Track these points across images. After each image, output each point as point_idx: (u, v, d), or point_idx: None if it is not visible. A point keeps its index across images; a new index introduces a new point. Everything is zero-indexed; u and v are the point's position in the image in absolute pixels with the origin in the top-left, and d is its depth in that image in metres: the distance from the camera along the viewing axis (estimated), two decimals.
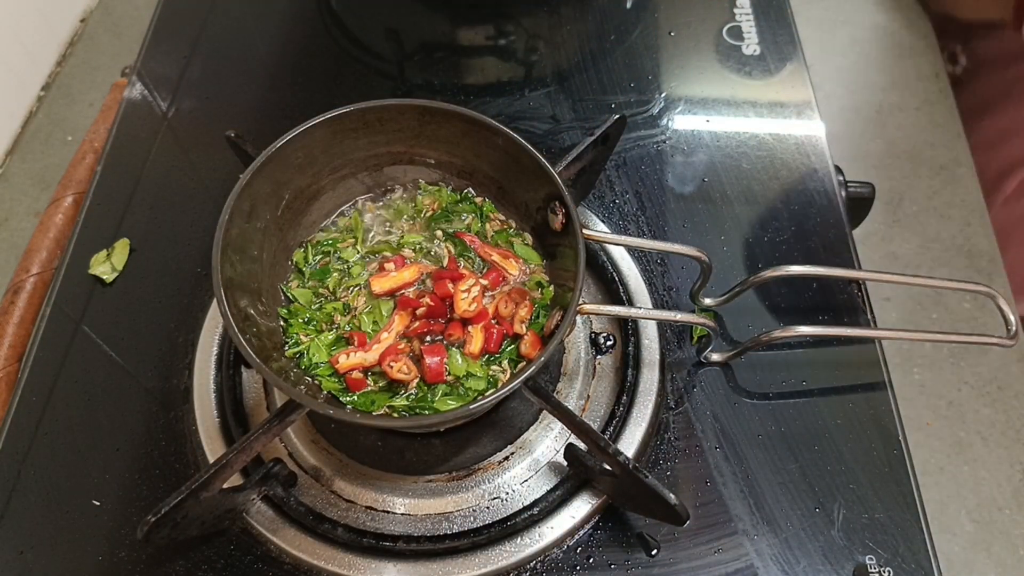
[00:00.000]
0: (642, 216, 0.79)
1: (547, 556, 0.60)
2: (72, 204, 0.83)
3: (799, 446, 0.65)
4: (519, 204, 0.67)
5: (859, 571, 0.60)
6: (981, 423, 0.78)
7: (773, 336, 0.64)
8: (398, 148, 0.67)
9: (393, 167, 0.69)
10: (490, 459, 0.65)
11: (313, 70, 0.93)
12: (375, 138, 0.66)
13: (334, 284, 0.64)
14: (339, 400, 0.58)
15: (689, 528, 0.61)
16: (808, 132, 0.85)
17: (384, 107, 0.63)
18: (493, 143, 0.64)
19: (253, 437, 0.53)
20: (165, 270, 0.76)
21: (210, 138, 0.86)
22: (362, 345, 0.59)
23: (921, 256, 0.91)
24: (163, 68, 0.92)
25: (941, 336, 0.67)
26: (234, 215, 0.57)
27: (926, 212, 0.94)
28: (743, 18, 0.96)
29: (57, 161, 0.93)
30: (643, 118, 0.87)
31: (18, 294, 0.76)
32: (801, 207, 0.79)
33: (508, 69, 0.93)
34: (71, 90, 1.01)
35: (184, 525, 0.53)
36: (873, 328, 0.72)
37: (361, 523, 0.62)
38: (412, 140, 0.67)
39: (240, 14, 0.99)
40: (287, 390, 0.51)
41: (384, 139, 0.66)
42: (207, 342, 0.70)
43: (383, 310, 0.62)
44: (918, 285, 0.69)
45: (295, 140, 0.61)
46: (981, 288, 0.68)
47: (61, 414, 0.67)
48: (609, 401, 0.68)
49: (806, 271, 0.66)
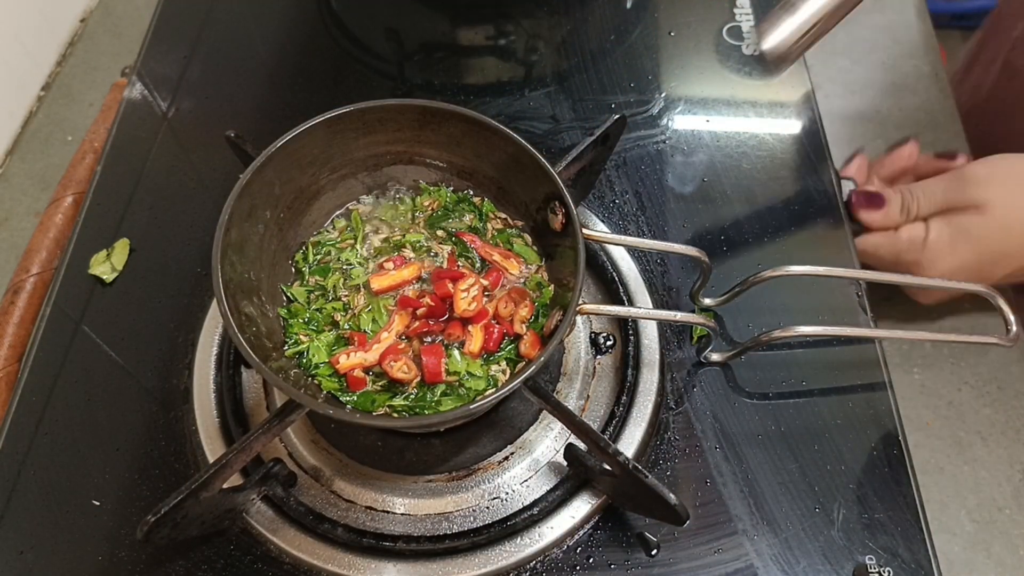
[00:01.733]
0: (642, 216, 0.79)
1: (547, 556, 0.60)
2: (72, 204, 0.83)
3: (799, 446, 0.65)
4: (519, 204, 0.67)
5: (859, 571, 0.60)
6: (981, 423, 0.78)
7: (773, 336, 0.64)
8: (398, 148, 0.67)
9: (393, 167, 0.69)
10: (490, 459, 0.65)
11: (313, 70, 0.93)
12: (375, 138, 0.66)
13: (333, 283, 0.64)
14: (339, 400, 0.58)
15: (689, 528, 0.61)
16: (808, 132, 0.85)
17: (384, 107, 0.63)
18: (493, 143, 0.64)
19: (253, 437, 0.53)
20: (165, 270, 0.76)
21: (210, 138, 0.86)
22: (362, 345, 0.59)
23: None
24: (163, 68, 0.92)
25: (941, 336, 0.67)
26: (234, 215, 0.57)
27: None
28: (743, 18, 0.96)
29: (57, 161, 0.93)
30: (643, 118, 0.87)
31: (18, 294, 0.76)
32: (801, 207, 0.79)
33: (508, 69, 0.94)
34: (71, 90, 1.01)
35: (184, 525, 0.53)
36: (872, 328, 0.72)
37: (361, 523, 0.62)
38: (412, 140, 0.67)
39: (240, 14, 0.99)
40: (287, 390, 0.51)
41: (384, 139, 0.66)
42: (207, 342, 0.70)
43: (383, 309, 0.62)
44: (916, 285, 0.69)
45: (295, 140, 0.61)
46: (981, 288, 0.68)
47: (61, 414, 0.67)
48: (609, 401, 0.68)
49: (805, 271, 0.66)
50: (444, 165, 0.69)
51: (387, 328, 0.60)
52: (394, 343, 0.60)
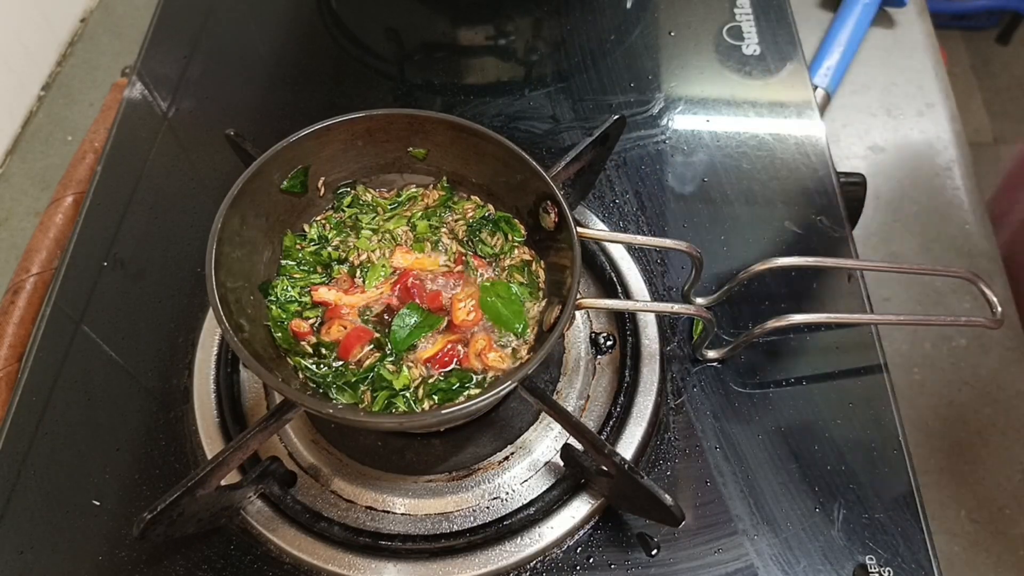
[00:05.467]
0: (642, 216, 0.79)
1: (547, 556, 0.60)
2: (72, 204, 0.83)
3: (799, 446, 0.65)
4: (510, 208, 0.67)
5: (859, 571, 0.60)
6: (981, 423, 0.78)
7: (768, 327, 0.64)
8: (390, 156, 0.67)
9: (386, 175, 0.69)
10: (490, 459, 0.65)
11: (313, 70, 0.93)
12: (366, 148, 0.66)
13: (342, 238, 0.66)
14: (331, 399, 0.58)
15: (689, 528, 0.61)
16: (808, 132, 0.85)
17: (371, 117, 0.63)
18: (482, 148, 0.64)
19: (250, 435, 0.53)
20: (165, 270, 0.76)
21: (210, 138, 0.86)
22: (351, 290, 0.61)
23: (921, 256, 0.91)
24: (163, 68, 0.92)
25: (933, 319, 0.69)
26: (225, 226, 0.57)
27: (926, 212, 0.93)
28: (743, 18, 0.96)
29: (57, 161, 0.93)
30: (643, 118, 0.87)
31: (18, 294, 0.76)
32: (801, 207, 0.79)
33: (508, 69, 0.94)
34: (71, 90, 1.01)
35: (181, 522, 0.53)
36: (866, 314, 0.72)
37: (361, 523, 0.62)
38: (402, 148, 0.67)
39: (240, 14, 0.99)
40: (285, 391, 0.51)
41: (374, 149, 0.66)
42: (207, 342, 0.70)
43: (381, 275, 0.63)
44: (901, 272, 0.72)
45: (286, 151, 0.61)
46: (962, 273, 0.68)
47: (61, 414, 0.67)
48: (609, 401, 0.68)
49: (793, 262, 0.67)
50: (435, 170, 0.69)
51: (378, 287, 0.62)
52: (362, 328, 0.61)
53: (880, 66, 1.06)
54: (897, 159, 0.99)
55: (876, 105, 1.03)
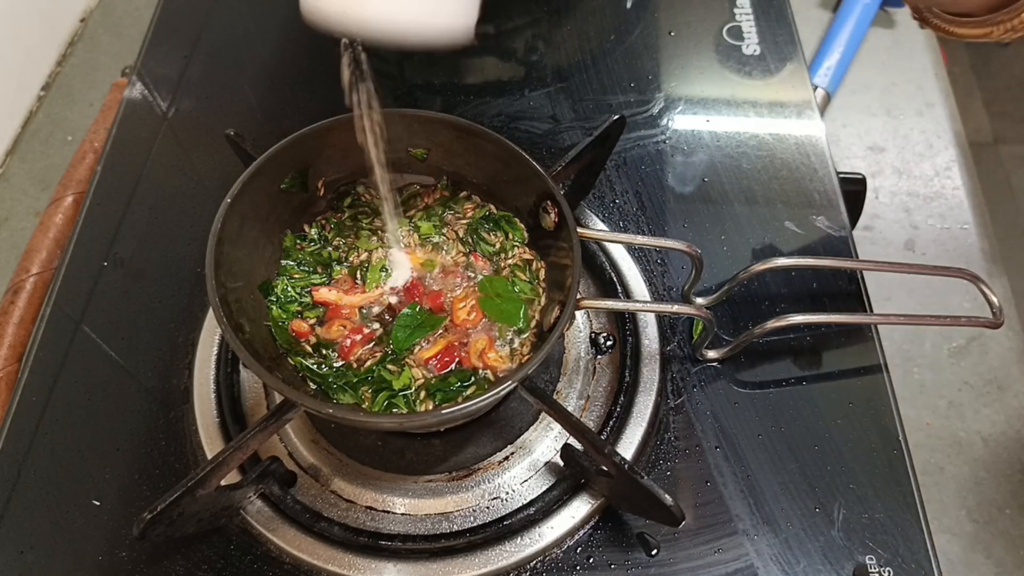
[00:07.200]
0: (642, 216, 0.79)
1: (547, 556, 0.60)
2: (72, 204, 0.83)
3: (799, 446, 0.65)
4: (511, 208, 0.67)
5: (859, 571, 0.60)
6: (981, 423, 0.78)
7: (768, 327, 0.64)
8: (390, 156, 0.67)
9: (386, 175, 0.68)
10: (490, 459, 0.65)
11: (313, 70, 0.93)
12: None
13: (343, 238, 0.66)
14: (331, 399, 0.58)
15: (689, 528, 0.61)
16: (808, 132, 0.85)
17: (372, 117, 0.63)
18: (481, 147, 0.64)
19: (250, 435, 0.53)
20: (165, 270, 0.76)
21: (210, 138, 0.86)
22: (352, 290, 0.61)
23: (922, 258, 0.91)
24: (163, 68, 0.92)
25: (932, 320, 0.69)
26: (224, 228, 0.57)
27: (926, 212, 0.94)
28: (743, 18, 0.96)
29: (57, 161, 0.93)
30: (643, 118, 0.87)
31: (18, 294, 0.76)
32: (801, 207, 0.79)
33: (508, 69, 0.93)
34: (71, 90, 1.01)
35: (180, 522, 0.53)
36: (866, 314, 0.72)
37: (361, 523, 0.62)
38: (402, 148, 0.67)
39: (240, 14, 0.99)
40: (285, 391, 0.51)
41: None
42: (207, 342, 0.70)
43: (380, 276, 0.63)
44: (901, 271, 0.70)
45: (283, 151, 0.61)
46: (962, 273, 0.68)
47: (61, 414, 0.67)
48: (609, 401, 0.68)
49: (793, 262, 0.67)
50: (435, 171, 0.69)
51: (379, 287, 0.62)
52: (361, 326, 0.61)
53: (880, 66, 1.06)
54: (897, 159, 0.99)
55: (876, 105, 1.03)
